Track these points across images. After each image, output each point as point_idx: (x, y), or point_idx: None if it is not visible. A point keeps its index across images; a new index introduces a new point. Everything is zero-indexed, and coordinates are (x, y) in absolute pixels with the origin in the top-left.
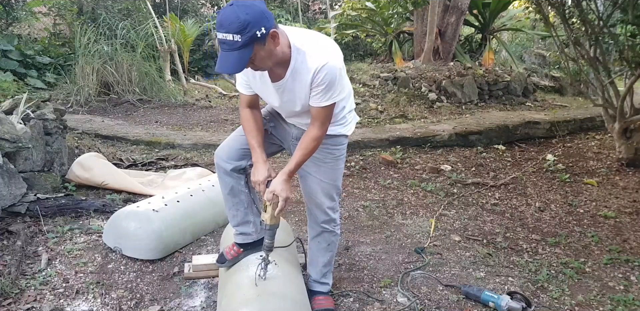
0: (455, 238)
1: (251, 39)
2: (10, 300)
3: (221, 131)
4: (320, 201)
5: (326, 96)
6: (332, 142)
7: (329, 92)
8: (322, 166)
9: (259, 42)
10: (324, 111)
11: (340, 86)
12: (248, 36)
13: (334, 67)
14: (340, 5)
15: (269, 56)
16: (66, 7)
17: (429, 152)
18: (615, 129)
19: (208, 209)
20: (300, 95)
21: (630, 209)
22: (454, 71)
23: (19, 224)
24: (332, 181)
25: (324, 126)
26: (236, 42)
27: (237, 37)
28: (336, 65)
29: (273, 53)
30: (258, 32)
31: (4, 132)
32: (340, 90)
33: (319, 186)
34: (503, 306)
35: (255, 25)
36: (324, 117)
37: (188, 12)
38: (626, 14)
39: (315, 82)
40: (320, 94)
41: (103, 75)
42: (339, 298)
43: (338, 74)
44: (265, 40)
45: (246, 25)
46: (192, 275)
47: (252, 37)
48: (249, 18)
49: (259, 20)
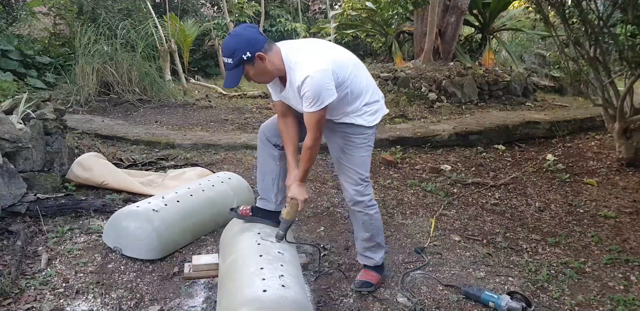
0: (455, 238)
1: (240, 61)
2: (10, 299)
3: (221, 131)
4: (345, 184)
5: (312, 104)
6: (350, 131)
7: (314, 101)
8: (344, 153)
9: (248, 63)
10: (312, 117)
11: (324, 97)
12: (236, 59)
13: (316, 80)
14: (340, 5)
15: (261, 73)
16: (66, 7)
17: (429, 152)
18: (615, 129)
19: (208, 209)
20: (298, 102)
21: (630, 209)
22: (454, 70)
23: (19, 224)
24: (354, 167)
25: (314, 135)
26: (229, 64)
27: (229, 60)
28: (317, 78)
29: (265, 70)
30: (244, 55)
31: (4, 132)
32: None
33: (343, 170)
34: (503, 306)
35: (240, 50)
36: (312, 124)
37: (188, 12)
38: (626, 14)
39: (302, 93)
40: (308, 103)
41: (103, 75)
42: (339, 298)
43: (320, 86)
44: (253, 62)
45: (233, 51)
46: (192, 274)
47: (240, 59)
48: (235, 45)
49: (243, 47)
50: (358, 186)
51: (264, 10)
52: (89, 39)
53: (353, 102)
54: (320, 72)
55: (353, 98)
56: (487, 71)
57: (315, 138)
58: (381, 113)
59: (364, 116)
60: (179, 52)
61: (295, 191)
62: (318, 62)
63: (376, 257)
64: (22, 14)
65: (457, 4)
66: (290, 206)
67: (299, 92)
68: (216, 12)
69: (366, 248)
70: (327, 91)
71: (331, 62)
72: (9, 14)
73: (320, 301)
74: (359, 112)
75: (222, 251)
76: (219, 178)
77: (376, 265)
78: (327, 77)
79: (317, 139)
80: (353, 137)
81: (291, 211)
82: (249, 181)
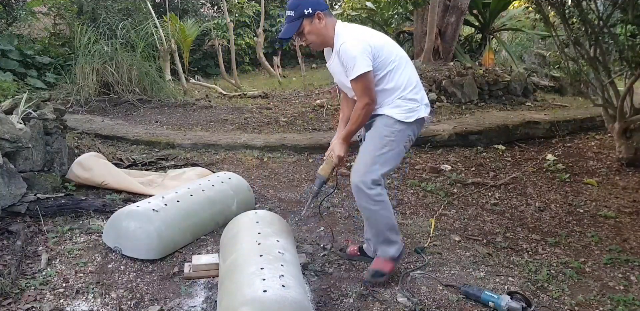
0: (455, 238)
1: (301, 15)
2: (10, 299)
3: (221, 130)
4: (356, 167)
5: (351, 70)
6: (381, 121)
7: (352, 67)
8: (371, 139)
9: (307, 18)
10: (355, 85)
11: (359, 64)
12: (299, 12)
13: (349, 46)
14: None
15: (316, 31)
16: (66, 7)
17: (429, 152)
18: (615, 129)
19: (208, 209)
20: (342, 73)
21: (630, 209)
22: (454, 70)
23: (19, 224)
24: (370, 155)
25: (362, 100)
26: (290, 16)
27: (291, 12)
28: (351, 44)
29: (320, 31)
30: (306, 10)
31: (4, 132)
32: (358, 66)
33: (361, 154)
34: (503, 306)
35: (304, 5)
36: (359, 91)
37: (188, 12)
38: (626, 14)
39: (341, 60)
40: (348, 70)
41: (103, 75)
42: (339, 298)
43: (351, 55)
44: (312, 18)
45: (298, 4)
46: (192, 274)
47: (302, 13)
48: (301, 0)
49: (308, 2)
50: (365, 175)
51: (264, 10)
52: (89, 39)
53: (391, 94)
54: (355, 41)
55: (391, 88)
56: (487, 71)
57: (365, 103)
58: (417, 114)
59: (397, 110)
60: (179, 52)
61: (335, 146)
62: (357, 35)
63: (389, 252)
64: (22, 14)
65: (457, 4)
66: (326, 162)
67: (339, 59)
68: (216, 12)
69: (377, 242)
70: (362, 58)
71: (369, 39)
72: (9, 14)
73: (320, 301)
74: (392, 105)
75: (222, 251)
76: (219, 177)
77: (392, 257)
78: (361, 46)
79: (368, 104)
80: (379, 127)
81: (326, 166)
82: (249, 181)
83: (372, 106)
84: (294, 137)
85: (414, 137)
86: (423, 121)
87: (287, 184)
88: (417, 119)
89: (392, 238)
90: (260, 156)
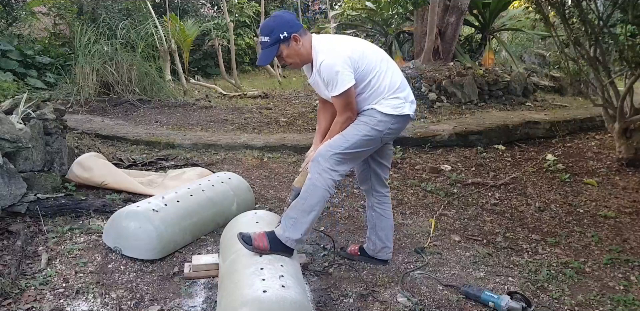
0: (455, 238)
1: (276, 40)
2: (10, 299)
3: (221, 130)
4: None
5: (333, 87)
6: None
7: (333, 84)
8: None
9: (283, 42)
10: (337, 101)
11: (341, 80)
12: (274, 38)
13: (327, 66)
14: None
15: (294, 54)
16: (66, 7)
17: (429, 152)
18: (615, 129)
19: (208, 209)
20: (323, 88)
21: (630, 209)
22: (454, 71)
23: (19, 224)
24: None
25: (344, 114)
26: (266, 42)
27: (266, 38)
28: (329, 63)
29: (298, 52)
30: (281, 34)
31: (4, 132)
32: (340, 83)
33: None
34: (503, 306)
35: (278, 30)
36: (341, 106)
37: (188, 12)
38: (626, 14)
39: (322, 77)
40: (329, 87)
41: (103, 75)
42: (339, 298)
43: (332, 72)
44: (289, 42)
45: (272, 30)
46: (192, 274)
47: (277, 38)
48: (274, 25)
49: (282, 27)
50: (325, 156)
51: (264, 10)
52: (89, 39)
53: (374, 98)
54: (334, 56)
55: (374, 93)
56: (487, 71)
57: (347, 117)
58: (402, 110)
59: (381, 105)
60: (179, 52)
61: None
62: (334, 48)
63: (285, 232)
64: (22, 14)
65: (457, 4)
66: (302, 174)
67: (320, 76)
68: (216, 12)
69: (285, 215)
70: (343, 74)
71: (348, 50)
72: (9, 14)
73: (320, 301)
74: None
75: (222, 251)
76: (219, 178)
77: (277, 236)
78: (341, 60)
79: (349, 118)
80: (361, 116)
81: (301, 178)
82: (249, 181)
83: (354, 118)
84: (294, 137)
85: (396, 132)
86: (408, 118)
87: (287, 185)
88: (402, 115)
89: (304, 224)
90: (260, 156)
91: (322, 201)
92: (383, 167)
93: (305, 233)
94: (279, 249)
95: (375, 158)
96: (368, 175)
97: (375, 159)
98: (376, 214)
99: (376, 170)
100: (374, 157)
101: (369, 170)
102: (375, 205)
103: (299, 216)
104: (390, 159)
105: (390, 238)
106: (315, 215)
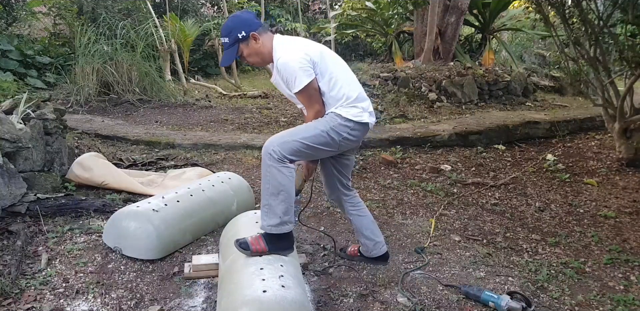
0: (455, 238)
1: (235, 40)
2: (10, 299)
3: (221, 130)
4: (277, 135)
5: (293, 84)
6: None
7: (293, 80)
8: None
9: (242, 42)
10: (301, 97)
11: (299, 76)
12: (232, 38)
13: (284, 63)
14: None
15: (255, 53)
16: (66, 7)
17: (429, 152)
18: (615, 129)
19: (208, 209)
20: (284, 86)
21: (630, 209)
22: (454, 70)
23: (19, 224)
24: (296, 130)
25: (312, 108)
26: (226, 43)
27: (226, 39)
28: (286, 60)
29: (258, 51)
30: (239, 34)
31: (4, 132)
32: (299, 79)
33: (292, 129)
34: (503, 306)
35: (236, 30)
36: (306, 101)
37: (188, 12)
38: (626, 14)
39: (281, 75)
40: (290, 84)
41: (103, 75)
42: (339, 298)
43: (290, 68)
44: (248, 41)
45: (230, 30)
46: (192, 274)
47: (236, 38)
48: (233, 25)
49: (239, 26)
50: (278, 145)
51: (264, 10)
52: (89, 39)
53: (334, 102)
54: (291, 53)
55: (334, 96)
56: (487, 71)
57: (317, 111)
58: (361, 118)
59: (341, 110)
60: (179, 52)
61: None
62: (292, 46)
63: (265, 222)
64: (22, 14)
65: (457, 4)
66: (297, 173)
67: (279, 75)
68: (216, 12)
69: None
70: (301, 70)
71: (310, 50)
72: (9, 14)
73: (320, 301)
74: (335, 108)
75: (222, 251)
76: (219, 178)
77: (267, 232)
78: (298, 57)
79: (319, 111)
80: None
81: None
82: (249, 181)
83: (323, 112)
84: None
85: (354, 141)
86: (367, 127)
87: None
88: (362, 123)
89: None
90: (260, 156)
91: (285, 178)
92: (343, 175)
93: (284, 214)
94: (277, 249)
95: (336, 166)
96: (334, 182)
97: (337, 168)
98: (354, 217)
99: (339, 177)
100: (335, 166)
101: (333, 176)
102: (350, 209)
103: (270, 201)
104: (350, 170)
105: (376, 233)
106: (286, 194)
